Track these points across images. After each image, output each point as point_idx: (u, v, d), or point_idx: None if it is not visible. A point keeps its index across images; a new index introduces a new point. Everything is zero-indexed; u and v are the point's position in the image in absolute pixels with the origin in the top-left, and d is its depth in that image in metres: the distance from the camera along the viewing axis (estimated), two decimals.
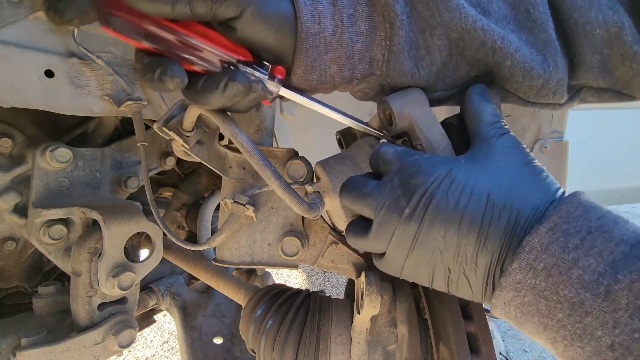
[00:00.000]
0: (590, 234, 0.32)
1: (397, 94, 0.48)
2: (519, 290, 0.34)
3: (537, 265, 0.33)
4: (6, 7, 0.59)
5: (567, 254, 0.32)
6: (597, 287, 0.30)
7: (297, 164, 0.59)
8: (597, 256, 0.31)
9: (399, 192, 0.39)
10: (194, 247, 0.60)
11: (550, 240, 0.33)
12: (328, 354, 0.55)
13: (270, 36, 0.42)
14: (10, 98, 0.62)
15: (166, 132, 0.51)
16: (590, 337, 0.30)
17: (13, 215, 0.75)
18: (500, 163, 0.39)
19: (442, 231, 0.37)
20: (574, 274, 0.31)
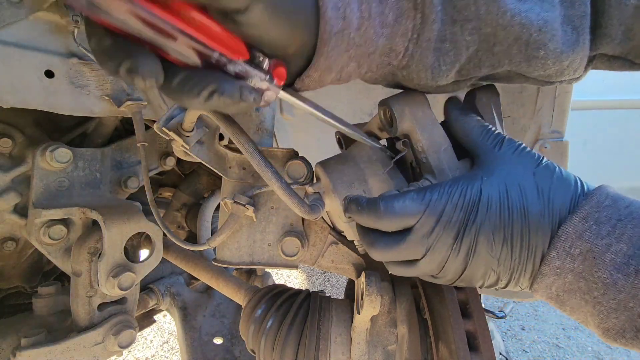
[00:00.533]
0: (621, 221, 0.36)
1: (398, 95, 0.48)
2: (559, 274, 0.38)
3: (573, 251, 0.37)
4: (6, 7, 0.59)
5: (601, 240, 0.36)
6: (627, 267, 0.34)
7: (297, 164, 0.59)
8: (627, 241, 0.35)
9: (442, 234, 0.40)
10: (194, 247, 0.60)
11: (583, 228, 0.37)
12: (328, 354, 0.55)
13: (282, 36, 0.35)
14: (10, 98, 0.62)
15: (166, 132, 0.51)
16: (624, 309, 0.34)
17: (13, 216, 0.75)
18: (517, 170, 0.41)
19: (492, 253, 0.39)
20: (607, 258, 0.35)
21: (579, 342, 2.73)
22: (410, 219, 0.41)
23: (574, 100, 0.95)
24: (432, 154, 0.46)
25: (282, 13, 0.33)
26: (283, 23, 0.34)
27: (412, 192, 0.42)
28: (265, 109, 0.63)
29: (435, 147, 0.46)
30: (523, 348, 2.67)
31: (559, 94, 0.92)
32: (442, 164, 0.46)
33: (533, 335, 2.83)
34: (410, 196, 0.41)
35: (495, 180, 0.40)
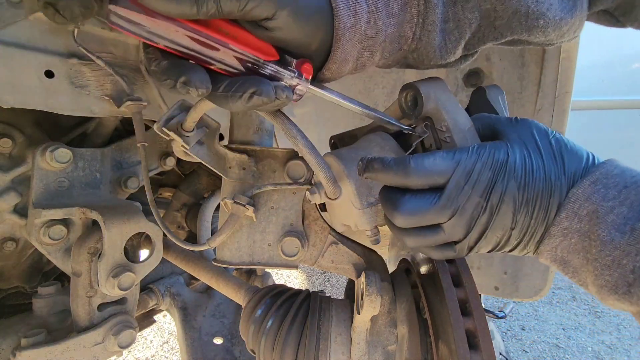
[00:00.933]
0: (626, 187, 0.39)
1: (421, 80, 0.50)
2: (566, 235, 0.41)
3: (581, 212, 0.40)
4: (6, 7, 0.59)
5: (607, 202, 0.39)
6: (624, 227, 0.37)
7: (297, 164, 0.59)
8: (629, 206, 0.38)
9: (471, 192, 0.41)
10: (194, 248, 0.60)
11: (592, 190, 0.40)
12: (328, 354, 0.55)
13: (305, 35, 0.40)
14: (10, 98, 0.62)
15: (166, 132, 0.51)
16: (617, 266, 0.37)
17: (13, 216, 0.75)
18: (536, 139, 0.43)
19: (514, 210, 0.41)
20: (609, 219, 0.38)
21: (579, 342, 2.73)
22: (441, 177, 0.42)
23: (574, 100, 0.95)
24: (458, 132, 0.47)
25: (303, 17, 0.39)
26: (305, 25, 0.39)
27: (441, 152, 0.43)
28: None
29: (460, 126, 0.48)
30: (523, 348, 2.67)
31: (559, 94, 0.92)
32: (467, 142, 0.47)
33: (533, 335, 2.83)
34: (440, 155, 0.42)
35: (518, 145, 0.42)
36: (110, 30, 0.71)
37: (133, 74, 0.75)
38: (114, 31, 0.71)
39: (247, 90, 0.38)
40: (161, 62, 0.37)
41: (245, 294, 0.73)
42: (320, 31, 0.41)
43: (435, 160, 0.42)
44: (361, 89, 1.07)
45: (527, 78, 0.96)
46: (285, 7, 0.37)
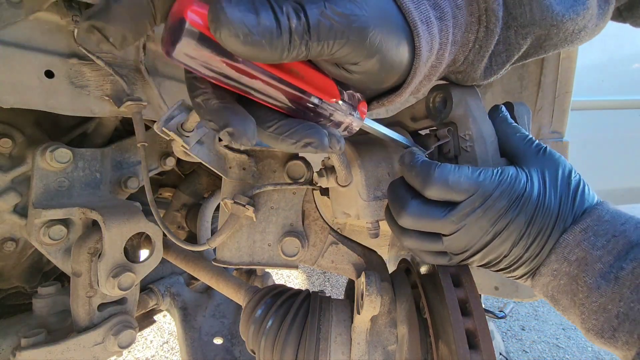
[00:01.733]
0: (615, 237, 0.40)
1: (457, 85, 0.50)
2: (555, 276, 0.42)
3: (571, 257, 0.41)
4: (6, 7, 0.59)
5: (595, 251, 0.40)
6: (609, 275, 0.39)
7: (297, 164, 0.59)
8: (616, 255, 0.39)
9: (481, 216, 0.42)
10: (194, 248, 0.60)
11: (582, 237, 0.41)
12: (328, 354, 0.55)
13: (383, 79, 0.39)
14: (11, 98, 0.62)
15: (166, 132, 0.51)
16: (603, 311, 0.39)
17: (13, 216, 0.75)
18: (556, 177, 0.44)
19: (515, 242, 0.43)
20: (596, 267, 0.40)
21: (579, 342, 2.73)
22: (459, 195, 0.42)
23: (574, 100, 0.95)
24: (481, 144, 0.47)
25: (389, 64, 0.37)
26: (389, 69, 0.37)
27: (466, 169, 0.42)
28: None
29: (484, 137, 0.47)
30: (523, 348, 2.67)
31: (559, 94, 0.92)
32: (487, 155, 0.47)
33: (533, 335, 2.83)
34: (465, 173, 0.42)
35: (538, 179, 0.43)
36: None
37: (133, 74, 0.75)
38: None
39: (302, 140, 0.36)
40: (211, 101, 0.34)
41: (245, 294, 0.73)
42: (398, 74, 0.39)
43: (460, 178, 0.42)
44: None
45: (527, 78, 0.96)
46: (375, 54, 0.35)
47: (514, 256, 0.44)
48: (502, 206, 0.42)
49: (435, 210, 0.43)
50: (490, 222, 0.42)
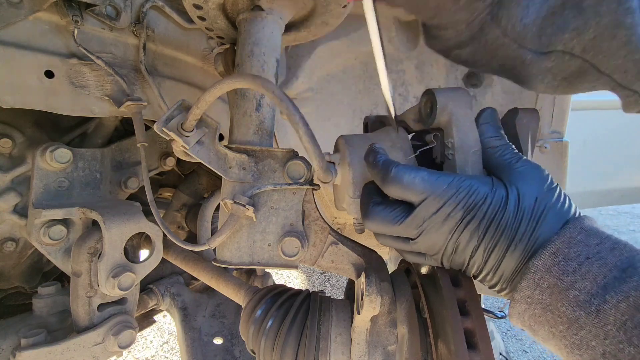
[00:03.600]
0: (588, 259, 0.37)
1: (445, 89, 0.49)
2: (530, 304, 0.39)
3: (542, 284, 0.38)
4: (6, 7, 0.59)
5: (566, 276, 0.37)
6: (589, 306, 0.35)
7: (297, 164, 0.59)
8: (592, 280, 0.36)
9: (440, 223, 0.42)
10: (194, 248, 0.60)
11: (552, 262, 0.38)
12: (328, 354, 0.55)
13: None
14: (10, 98, 0.62)
15: (166, 132, 0.51)
16: (587, 347, 0.35)
17: (13, 216, 0.75)
18: (525, 188, 0.42)
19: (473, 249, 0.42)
20: (570, 294, 0.36)
21: None
22: (414, 196, 0.42)
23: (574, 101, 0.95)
24: (461, 153, 0.46)
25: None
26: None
27: (425, 171, 0.43)
28: (265, 110, 0.63)
29: (465, 147, 0.46)
30: (523, 348, 2.67)
31: None
32: (466, 165, 0.46)
33: None
34: (422, 173, 0.42)
35: (502, 191, 0.42)
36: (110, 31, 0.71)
37: (133, 74, 0.75)
38: (114, 32, 0.71)
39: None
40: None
41: (245, 294, 0.73)
42: None
43: (415, 179, 0.42)
44: (361, 89, 1.07)
45: None
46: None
47: (479, 264, 0.43)
48: (457, 214, 0.41)
49: (393, 215, 0.44)
50: (449, 228, 0.42)
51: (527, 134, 0.52)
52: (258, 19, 0.63)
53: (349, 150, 0.52)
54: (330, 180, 0.50)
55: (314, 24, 0.71)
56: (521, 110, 0.53)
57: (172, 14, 0.76)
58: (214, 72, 0.86)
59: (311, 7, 0.68)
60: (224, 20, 0.67)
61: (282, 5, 0.63)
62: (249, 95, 0.62)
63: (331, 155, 0.55)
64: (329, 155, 0.55)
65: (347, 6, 0.65)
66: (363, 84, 1.07)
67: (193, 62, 0.85)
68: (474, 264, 0.44)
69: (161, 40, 0.77)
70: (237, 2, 0.63)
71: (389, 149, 0.53)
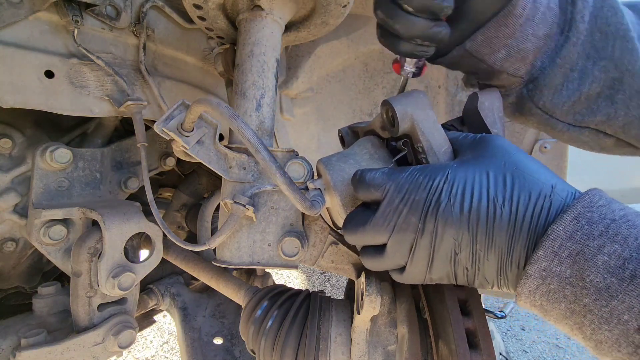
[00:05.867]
0: (615, 221, 0.33)
1: (401, 96, 0.48)
2: (544, 278, 0.35)
3: (562, 252, 0.34)
4: (6, 7, 0.59)
5: (592, 241, 0.33)
6: (623, 271, 0.31)
7: (297, 165, 0.59)
8: (622, 242, 0.32)
9: (405, 211, 0.40)
10: (194, 248, 0.60)
11: (575, 228, 0.34)
12: (328, 354, 0.55)
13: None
14: (10, 98, 0.62)
15: (166, 132, 0.51)
16: (618, 321, 0.31)
17: (13, 216, 0.75)
18: (493, 160, 0.40)
19: (455, 236, 0.38)
20: (599, 260, 0.32)
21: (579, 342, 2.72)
22: (377, 191, 0.42)
23: None
24: (432, 155, 0.46)
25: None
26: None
27: (385, 168, 0.44)
28: (265, 109, 0.63)
29: (435, 148, 0.46)
30: (523, 348, 2.67)
31: None
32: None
33: (533, 335, 2.83)
34: (381, 170, 0.44)
35: (463, 169, 0.40)
36: (110, 31, 0.71)
37: (133, 74, 0.75)
38: (114, 32, 0.71)
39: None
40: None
41: (245, 294, 0.73)
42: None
43: (376, 175, 0.43)
44: (361, 89, 1.07)
45: None
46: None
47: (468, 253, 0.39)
48: (421, 198, 0.39)
49: (364, 216, 0.44)
50: (417, 217, 0.39)
51: (493, 116, 0.51)
52: (258, 19, 0.63)
53: (330, 175, 0.52)
54: (318, 211, 0.50)
55: (313, 24, 0.71)
56: (480, 94, 0.52)
57: (172, 14, 0.76)
58: (214, 72, 0.86)
59: (311, 7, 0.68)
60: (224, 20, 0.67)
61: (282, 5, 0.63)
62: (249, 95, 0.62)
63: (314, 182, 0.55)
64: (313, 183, 0.54)
65: (347, 6, 0.65)
66: (363, 84, 1.07)
67: (193, 62, 0.85)
68: (464, 257, 0.39)
69: (161, 40, 0.77)
70: (237, 2, 0.63)
71: (368, 161, 0.53)
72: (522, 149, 1.12)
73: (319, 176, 0.56)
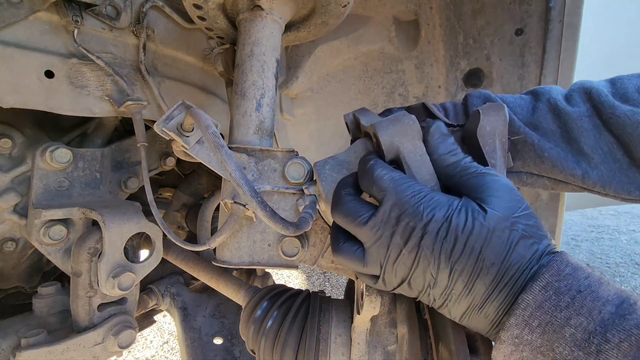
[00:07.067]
0: (580, 292, 0.34)
1: (389, 121, 0.45)
2: (517, 345, 0.36)
3: (532, 322, 0.35)
4: (6, 7, 0.59)
5: (560, 312, 0.34)
6: (589, 345, 0.32)
7: (297, 164, 0.59)
8: (587, 315, 0.33)
9: (395, 228, 0.40)
10: (194, 248, 0.60)
11: (543, 297, 0.35)
12: (328, 354, 0.55)
13: None
14: (11, 98, 0.62)
15: (166, 132, 0.51)
16: None
17: (13, 216, 0.75)
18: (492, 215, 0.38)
19: (435, 272, 0.39)
20: (567, 332, 0.33)
21: None
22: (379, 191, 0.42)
23: None
24: None
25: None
26: None
27: (399, 173, 0.42)
28: (265, 109, 0.63)
29: (421, 182, 0.43)
30: None
31: None
32: None
33: None
34: (393, 174, 0.42)
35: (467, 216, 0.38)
36: (110, 31, 0.71)
37: (133, 74, 0.75)
38: (114, 32, 0.71)
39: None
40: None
41: (245, 294, 0.73)
42: None
43: (385, 175, 0.42)
44: (361, 89, 1.07)
45: (527, 78, 0.96)
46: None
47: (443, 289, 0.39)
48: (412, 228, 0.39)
49: (363, 210, 0.42)
50: (402, 238, 0.39)
51: (492, 144, 0.47)
52: (258, 19, 0.63)
53: (322, 186, 0.51)
54: (306, 229, 0.49)
55: (313, 24, 0.71)
56: (483, 114, 0.47)
57: (172, 14, 0.76)
58: (214, 72, 0.86)
59: (311, 7, 0.68)
60: (224, 20, 0.67)
61: (282, 5, 0.63)
62: (249, 95, 0.62)
63: (309, 188, 0.54)
64: (308, 189, 0.54)
65: (347, 6, 0.65)
66: (363, 84, 1.07)
67: (193, 62, 0.85)
68: (438, 291, 0.40)
69: (161, 40, 0.77)
70: (237, 2, 0.63)
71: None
72: None
73: (315, 182, 0.56)
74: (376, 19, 0.97)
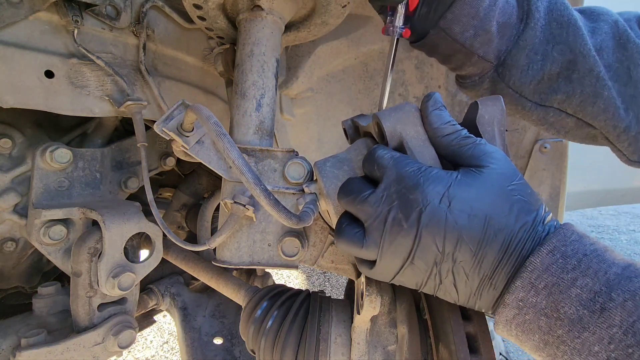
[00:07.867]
0: (586, 256, 0.35)
1: (392, 110, 0.46)
2: (521, 308, 0.36)
3: (539, 284, 0.35)
4: (6, 7, 0.59)
5: (566, 274, 0.35)
6: (593, 304, 0.33)
7: (297, 164, 0.59)
8: (593, 276, 0.34)
9: (395, 204, 0.39)
10: (194, 248, 0.60)
11: (550, 260, 0.36)
12: (328, 354, 0.55)
13: None
14: (10, 98, 0.62)
15: (166, 132, 0.51)
16: (589, 352, 0.32)
17: (13, 216, 0.75)
18: (492, 181, 0.39)
19: (441, 246, 0.38)
20: (573, 292, 0.34)
21: None
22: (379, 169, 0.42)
23: None
24: None
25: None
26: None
27: (399, 153, 0.43)
28: (265, 109, 0.63)
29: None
30: None
31: None
32: None
33: None
34: (392, 154, 0.42)
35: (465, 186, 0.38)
36: (110, 31, 0.71)
37: (133, 74, 0.75)
38: (114, 32, 0.71)
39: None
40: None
41: (245, 294, 0.73)
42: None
43: (386, 154, 0.42)
44: (361, 89, 1.07)
45: None
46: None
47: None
48: (413, 201, 0.38)
49: (364, 188, 0.42)
50: (404, 214, 0.38)
51: (492, 132, 0.48)
52: (258, 18, 0.63)
53: (323, 183, 0.51)
54: (309, 221, 0.49)
55: (313, 24, 0.71)
56: (481, 105, 0.48)
57: (172, 14, 0.76)
58: (214, 72, 0.86)
59: (311, 7, 0.68)
60: (224, 20, 0.67)
61: (282, 5, 0.63)
62: (249, 95, 0.62)
63: (310, 186, 0.54)
64: (309, 187, 0.54)
65: (347, 6, 0.65)
66: (363, 84, 1.07)
67: (193, 62, 0.85)
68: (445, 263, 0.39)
69: (161, 40, 0.77)
70: (237, 2, 0.63)
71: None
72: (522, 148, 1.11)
73: (315, 180, 0.56)
74: (376, 19, 0.97)
